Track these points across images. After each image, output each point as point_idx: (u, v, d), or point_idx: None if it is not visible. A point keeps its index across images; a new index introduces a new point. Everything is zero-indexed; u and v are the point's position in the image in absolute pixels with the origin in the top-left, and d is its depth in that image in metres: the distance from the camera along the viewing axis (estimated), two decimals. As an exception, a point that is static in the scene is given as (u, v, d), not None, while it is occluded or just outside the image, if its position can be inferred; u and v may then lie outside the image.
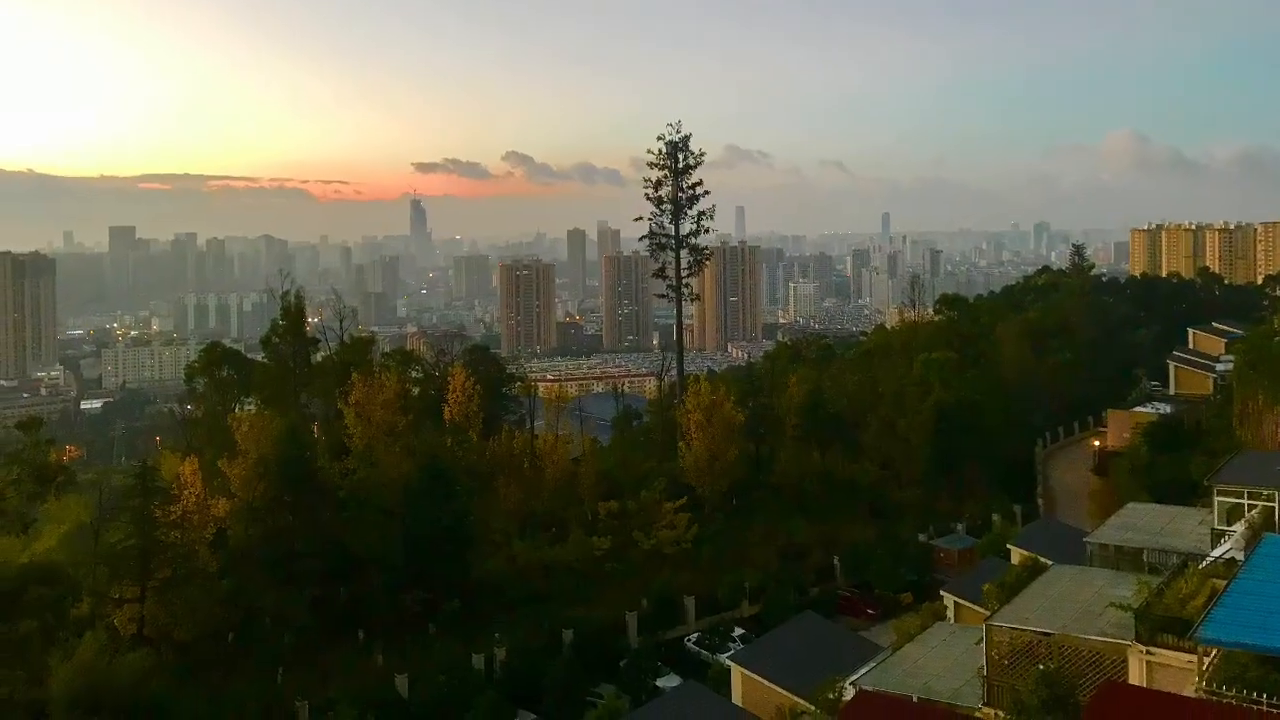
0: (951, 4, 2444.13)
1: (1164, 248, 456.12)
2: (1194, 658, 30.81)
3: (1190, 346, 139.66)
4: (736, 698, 50.81)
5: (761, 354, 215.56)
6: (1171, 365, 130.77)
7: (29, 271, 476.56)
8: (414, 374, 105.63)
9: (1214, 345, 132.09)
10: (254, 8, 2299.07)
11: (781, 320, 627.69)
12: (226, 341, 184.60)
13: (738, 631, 74.63)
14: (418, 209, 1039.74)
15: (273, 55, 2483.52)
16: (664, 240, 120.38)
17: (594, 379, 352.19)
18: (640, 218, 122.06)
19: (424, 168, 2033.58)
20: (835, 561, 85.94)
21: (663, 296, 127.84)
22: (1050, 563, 46.38)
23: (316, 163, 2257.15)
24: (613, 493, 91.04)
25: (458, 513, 78.33)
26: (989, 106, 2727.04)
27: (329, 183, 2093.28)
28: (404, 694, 64.20)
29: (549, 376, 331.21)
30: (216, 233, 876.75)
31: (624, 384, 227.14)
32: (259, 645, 70.02)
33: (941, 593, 59.65)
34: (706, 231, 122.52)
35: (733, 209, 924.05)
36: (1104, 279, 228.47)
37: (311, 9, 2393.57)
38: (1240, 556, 38.22)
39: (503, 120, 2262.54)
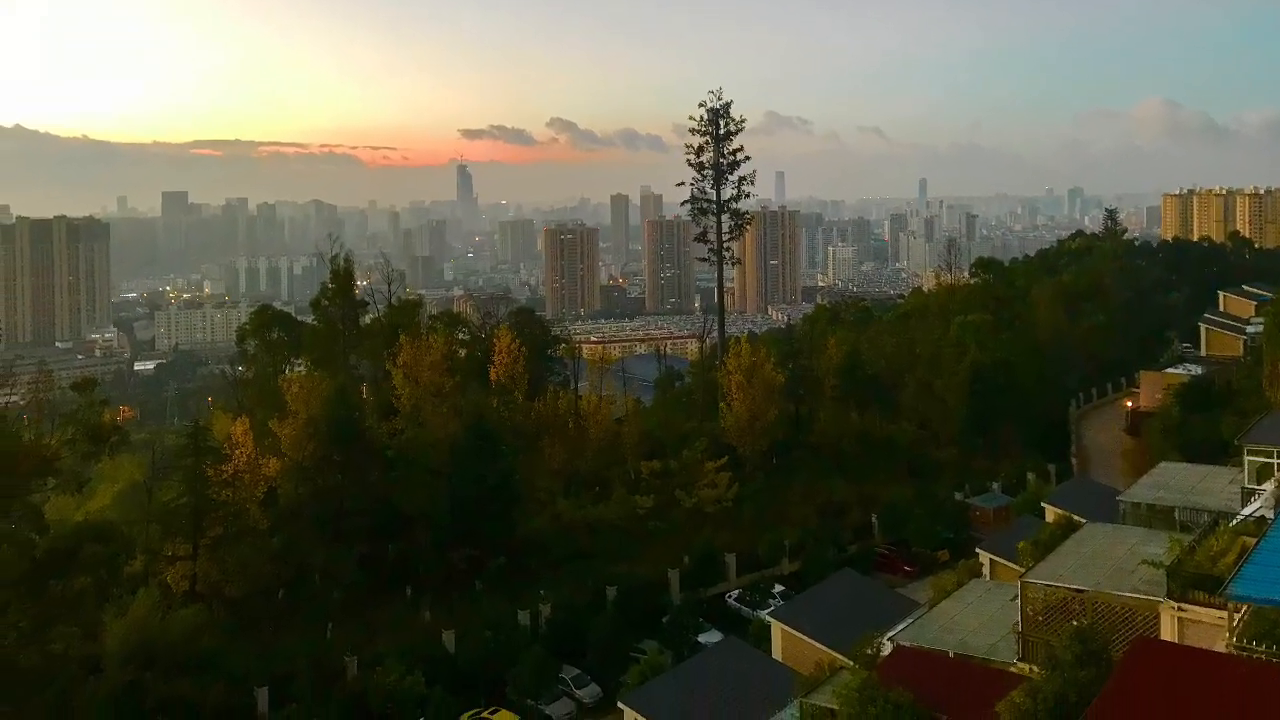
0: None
1: (1195, 212, 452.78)
2: (1225, 614, 31.26)
3: (1221, 309, 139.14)
4: (776, 653, 51.79)
5: (801, 316, 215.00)
6: (1203, 327, 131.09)
7: (83, 236, 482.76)
8: (460, 336, 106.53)
9: (1244, 308, 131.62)
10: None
11: (820, 283, 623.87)
12: (277, 304, 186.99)
13: (778, 588, 75.56)
14: (464, 174, 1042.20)
15: (322, 22, 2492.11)
16: (705, 205, 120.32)
17: (637, 341, 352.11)
18: (682, 183, 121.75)
19: (470, 134, 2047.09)
20: (873, 520, 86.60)
21: (704, 260, 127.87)
22: (1084, 521, 46.81)
23: (366, 129, 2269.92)
24: (655, 452, 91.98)
25: (503, 472, 79.31)
26: (1024, 72, 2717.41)
27: (378, 149, 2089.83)
28: (451, 649, 65.42)
29: (593, 338, 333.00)
30: (267, 198, 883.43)
31: (666, 346, 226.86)
32: (308, 601, 71.24)
33: (977, 550, 60.43)
34: (747, 196, 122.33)
35: (773, 174, 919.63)
36: (1136, 243, 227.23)
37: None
38: (1270, 514, 38.54)
39: (547, 87, 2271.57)
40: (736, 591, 76.52)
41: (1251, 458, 47.59)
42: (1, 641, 51.22)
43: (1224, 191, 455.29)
